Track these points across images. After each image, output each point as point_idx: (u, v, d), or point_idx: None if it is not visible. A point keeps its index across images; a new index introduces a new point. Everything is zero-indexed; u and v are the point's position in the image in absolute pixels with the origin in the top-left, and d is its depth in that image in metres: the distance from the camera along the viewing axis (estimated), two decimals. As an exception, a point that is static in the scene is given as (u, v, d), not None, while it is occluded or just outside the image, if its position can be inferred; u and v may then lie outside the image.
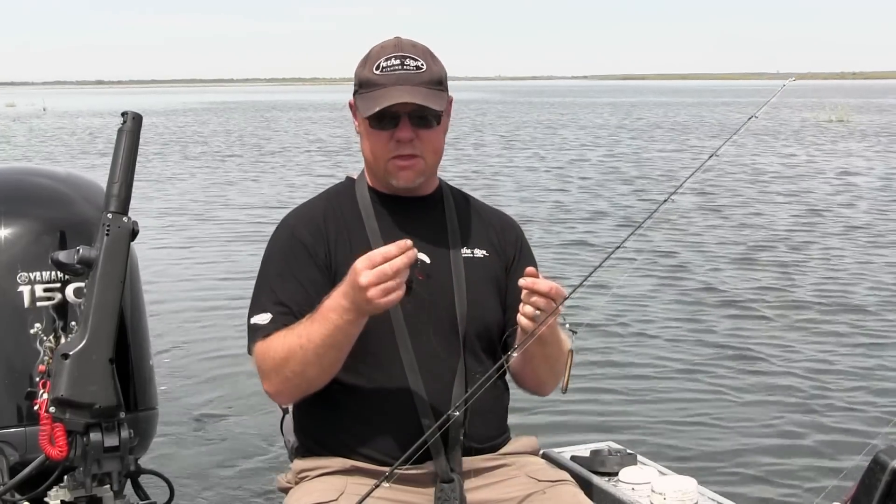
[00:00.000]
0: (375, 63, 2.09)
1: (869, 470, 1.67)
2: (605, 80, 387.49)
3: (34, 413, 2.21)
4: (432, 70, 2.10)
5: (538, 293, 1.91)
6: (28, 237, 2.48)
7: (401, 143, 2.08)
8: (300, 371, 1.99)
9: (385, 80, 2.06)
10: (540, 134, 31.78)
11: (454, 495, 2.03)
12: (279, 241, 2.17)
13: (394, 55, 2.09)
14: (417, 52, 2.10)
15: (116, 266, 2.20)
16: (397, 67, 2.07)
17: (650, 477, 2.37)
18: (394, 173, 2.12)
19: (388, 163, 2.11)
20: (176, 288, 8.32)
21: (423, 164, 2.13)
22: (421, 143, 2.10)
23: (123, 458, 2.19)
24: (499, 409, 2.21)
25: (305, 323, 1.97)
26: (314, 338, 1.94)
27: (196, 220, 12.78)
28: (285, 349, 1.98)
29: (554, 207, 13.67)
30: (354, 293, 1.86)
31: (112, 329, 2.18)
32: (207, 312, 7.52)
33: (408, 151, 2.10)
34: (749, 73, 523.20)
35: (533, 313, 1.92)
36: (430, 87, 2.08)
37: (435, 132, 2.12)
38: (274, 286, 2.10)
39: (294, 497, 2.08)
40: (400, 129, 2.07)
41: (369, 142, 2.13)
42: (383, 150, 2.10)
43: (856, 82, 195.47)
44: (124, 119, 2.28)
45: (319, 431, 2.14)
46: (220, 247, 10.61)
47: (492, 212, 2.34)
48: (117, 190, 2.24)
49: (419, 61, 2.09)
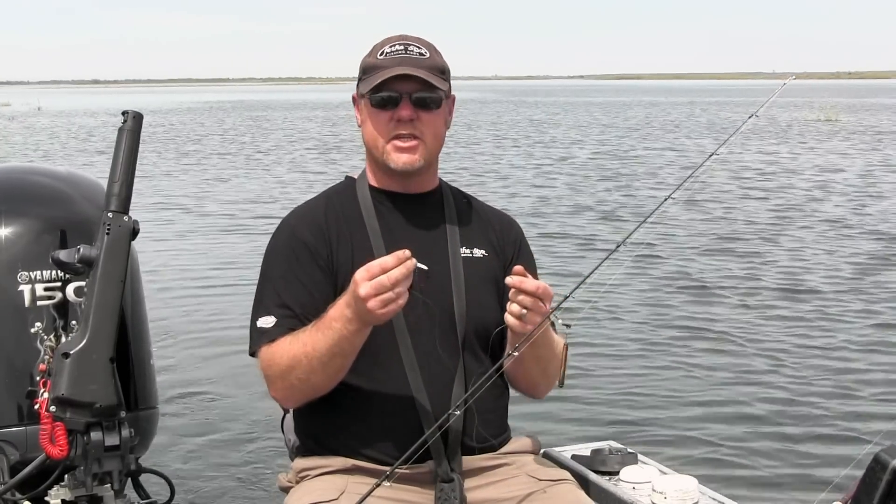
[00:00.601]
0: (380, 50, 2.12)
1: (870, 469, 1.67)
2: (601, 79, 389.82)
3: (35, 412, 2.22)
4: (435, 59, 2.13)
5: (525, 292, 1.91)
6: (29, 236, 2.48)
7: (401, 122, 2.09)
8: (305, 378, 1.99)
9: (388, 62, 2.09)
10: (532, 132, 32.08)
11: (454, 495, 2.03)
12: (280, 242, 2.16)
13: (398, 42, 2.12)
14: (422, 43, 2.13)
15: (117, 265, 2.20)
16: (401, 52, 2.10)
17: (651, 476, 2.37)
18: (392, 155, 2.12)
19: (388, 144, 2.11)
20: (175, 285, 8.33)
21: (423, 147, 2.13)
22: (422, 124, 2.11)
23: (124, 457, 2.19)
24: (499, 409, 2.21)
25: (310, 331, 1.98)
26: (319, 347, 1.95)
27: (187, 214, 12.88)
28: (290, 357, 1.98)
29: (537, 201, 14.07)
30: (356, 304, 1.87)
31: (112, 328, 2.18)
32: (207, 310, 7.53)
33: (408, 131, 2.10)
34: (745, 72, 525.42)
35: (520, 312, 1.92)
36: (431, 71, 2.10)
37: (436, 116, 2.13)
38: (277, 288, 2.10)
39: (295, 496, 2.08)
40: (401, 108, 2.08)
41: (370, 122, 2.13)
42: (384, 130, 2.11)
43: (851, 82, 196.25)
44: (125, 118, 2.28)
45: (320, 431, 2.14)
46: (220, 247, 10.62)
47: (492, 211, 2.34)
48: (118, 189, 2.24)
49: (422, 49, 2.12)
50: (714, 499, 2.34)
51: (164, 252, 9.81)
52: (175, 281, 8.57)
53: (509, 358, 1.96)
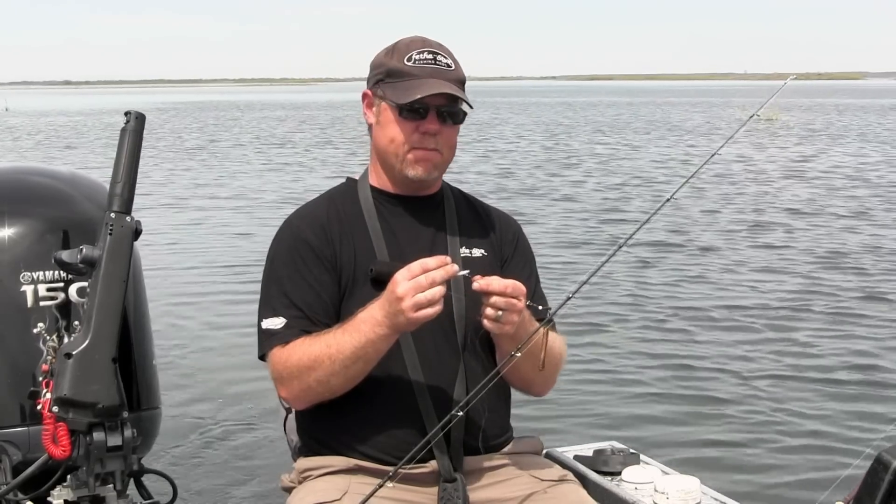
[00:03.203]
0: (406, 55, 2.10)
1: (872, 469, 1.67)
2: (573, 80, 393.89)
3: (37, 412, 2.22)
4: (459, 71, 2.13)
5: (493, 293, 1.91)
6: (31, 237, 2.48)
7: (426, 135, 2.09)
8: (325, 380, 1.99)
9: (420, 71, 2.08)
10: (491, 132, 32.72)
11: (457, 495, 2.03)
12: (284, 243, 2.16)
13: (425, 49, 2.10)
14: (445, 51, 2.13)
15: (119, 265, 2.20)
16: (430, 62, 2.09)
17: (653, 476, 2.37)
18: (412, 164, 2.12)
19: (409, 153, 2.11)
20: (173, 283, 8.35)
21: (440, 158, 2.13)
22: (442, 138, 2.11)
23: (126, 458, 2.19)
24: (501, 409, 2.21)
25: (335, 332, 1.97)
26: (344, 348, 1.94)
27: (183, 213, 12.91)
28: (311, 358, 1.98)
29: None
30: (390, 304, 1.86)
31: (115, 328, 2.18)
32: (210, 310, 7.54)
33: (431, 146, 2.11)
34: (716, 73, 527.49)
35: (495, 314, 1.91)
36: (459, 84, 2.11)
37: (454, 130, 2.14)
38: (283, 288, 2.09)
39: (297, 496, 2.08)
40: (428, 121, 2.08)
41: (391, 129, 2.11)
42: (406, 139, 2.10)
43: (814, 83, 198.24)
44: (127, 119, 2.28)
45: (323, 431, 2.14)
46: (221, 247, 10.64)
47: (492, 211, 2.34)
48: (120, 189, 2.24)
49: (449, 60, 2.12)
50: (716, 499, 2.34)
51: (166, 252, 9.83)
52: (177, 282, 8.59)
53: (511, 359, 1.95)
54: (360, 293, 2.05)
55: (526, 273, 2.20)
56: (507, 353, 1.98)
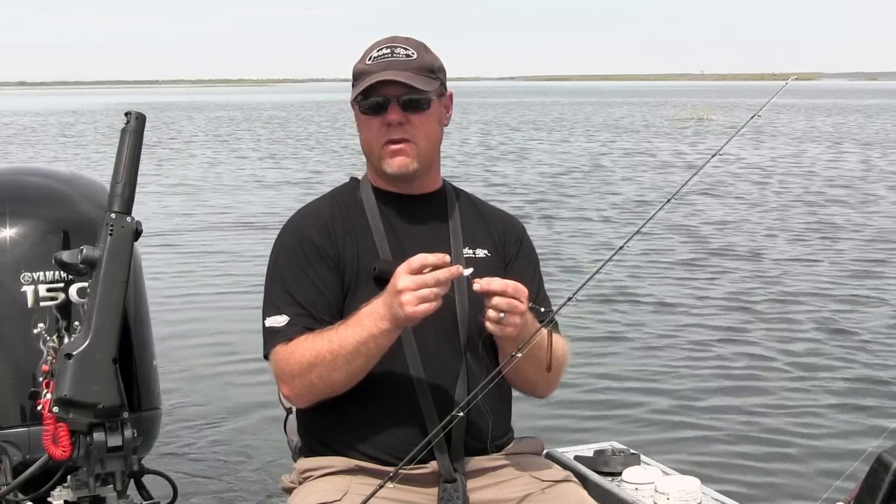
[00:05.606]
0: (368, 55, 2.12)
1: (872, 470, 1.67)
2: (531, 80, 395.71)
3: (37, 413, 2.22)
4: (423, 58, 2.12)
5: (494, 293, 1.91)
6: (32, 237, 2.48)
7: (391, 126, 2.09)
8: (326, 376, 1.98)
9: (374, 67, 2.09)
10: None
11: (457, 495, 2.03)
12: (288, 241, 2.16)
13: (385, 45, 2.12)
14: (409, 44, 2.13)
15: (120, 266, 2.20)
16: (387, 55, 2.10)
17: (654, 477, 2.37)
18: (386, 160, 2.12)
19: (382, 149, 2.12)
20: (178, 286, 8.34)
21: (415, 149, 2.12)
22: (412, 127, 2.10)
23: (127, 458, 2.19)
24: (502, 410, 2.20)
25: (338, 328, 1.97)
26: (346, 343, 1.94)
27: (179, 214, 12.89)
28: (313, 354, 1.98)
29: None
30: (391, 298, 1.87)
31: (115, 329, 2.18)
32: (211, 311, 7.53)
33: (398, 135, 2.10)
34: (673, 73, 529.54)
35: (497, 316, 1.91)
36: (418, 72, 2.10)
37: (426, 116, 2.12)
38: (287, 287, 2.09)
39: (298, 497, 2.08)
40: (389, 113, 2.08)
41: (365, 130, 2.14)
42: (376, 135, 2.11)
43: (776, 82, 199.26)
44: (128, 119, 2.28)
45: (323, 431, 2.14)
46: (222, 247, 10.63)
47: (495, 211, 2.34)
48: (121, 190, 2.24)
49: (409, 50, 2.11)
50: (717, 500, 2.34)
51: (167, 252, 9.82)
52: (177, 282, 8.58)
53: (511, 360, 1.95)
54: (363, 292, 2.05)
55: (529, 274, 2.20)
56: (509, 354, 1.98)
